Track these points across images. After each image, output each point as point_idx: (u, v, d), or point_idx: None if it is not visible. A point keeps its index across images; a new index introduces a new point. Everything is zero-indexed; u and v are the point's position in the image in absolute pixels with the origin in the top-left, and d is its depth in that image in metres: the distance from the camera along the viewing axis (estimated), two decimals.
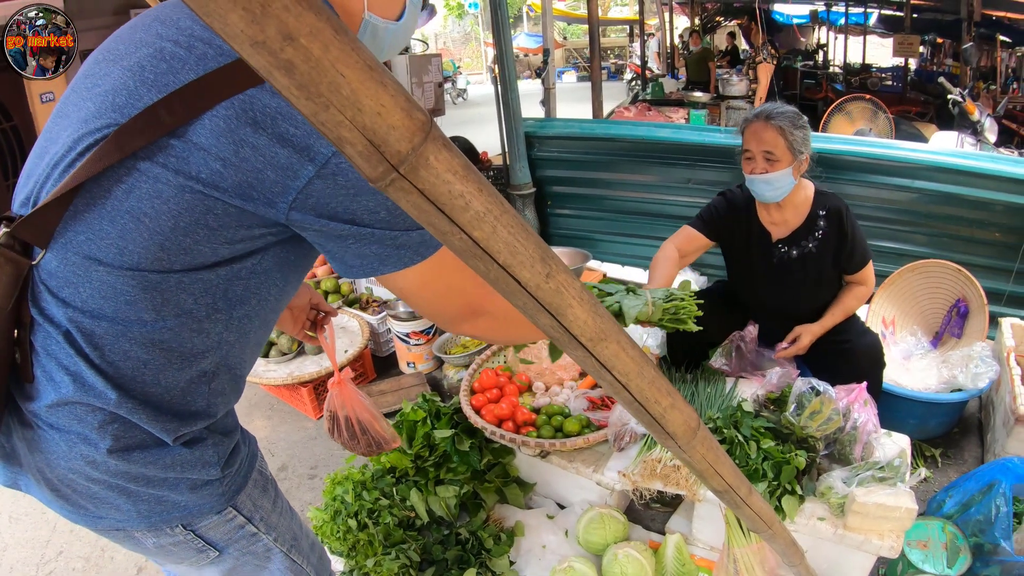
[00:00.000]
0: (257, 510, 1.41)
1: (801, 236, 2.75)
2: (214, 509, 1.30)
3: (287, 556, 1.54)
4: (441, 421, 2.88)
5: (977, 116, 5.80)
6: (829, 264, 2.75)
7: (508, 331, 1.39)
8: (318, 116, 0.47)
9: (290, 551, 1.55)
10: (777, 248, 2.80)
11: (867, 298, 2.80)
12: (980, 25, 9.26)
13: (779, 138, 2.54)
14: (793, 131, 2.55)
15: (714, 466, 1.03)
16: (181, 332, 1.13)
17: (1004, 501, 2.21)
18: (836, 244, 2.71)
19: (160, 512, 1.25)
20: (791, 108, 2.60)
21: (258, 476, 1.44)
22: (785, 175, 2.58)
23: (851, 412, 2.29)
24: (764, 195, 2.68)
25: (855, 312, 2.81)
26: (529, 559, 2.55)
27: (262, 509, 1.43)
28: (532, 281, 0.60)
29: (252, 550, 1.45)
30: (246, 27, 0.42)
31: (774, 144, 2.54)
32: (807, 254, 2.75)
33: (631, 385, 0.77)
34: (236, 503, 1.35)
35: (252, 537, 1.43)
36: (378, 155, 0.48)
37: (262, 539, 1.45)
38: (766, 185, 2.62)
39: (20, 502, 3.38)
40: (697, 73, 12.92)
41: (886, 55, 15.02)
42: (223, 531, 1.36)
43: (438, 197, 0.52)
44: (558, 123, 5.26)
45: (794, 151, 2.55)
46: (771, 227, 2.81)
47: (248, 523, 1.39)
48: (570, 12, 25.87)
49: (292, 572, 1.58)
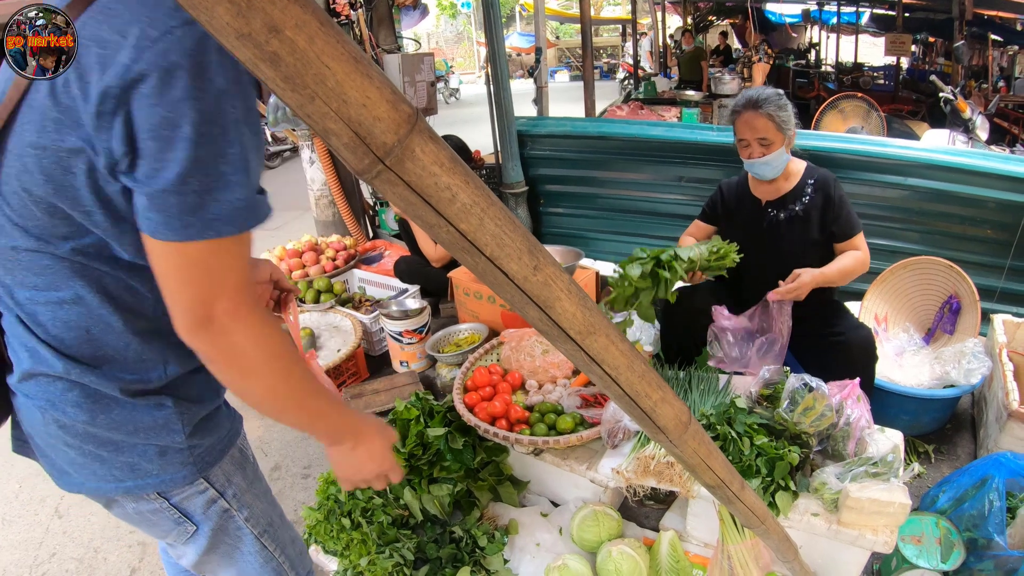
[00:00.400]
0: (230, 485, 1.45)
1: (790, 200, 2.90)
2: (186, 479, 1.34)
3: (258, 540, 1.58)
4: (434, 419, 2.87)
5: (969, 114, 5.82)
6: (816, 228, 2.85)
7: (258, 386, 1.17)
8: (304, 108, 0.47)
9: (262, 535, 1.59)
10: (767, 212, 2.95)
11: (865, 265, 2.81)
12: (972, 24, 9.30)
13: (769, 123, 2.73)
14: (780, 113, 2.74)
15: (706, 460, 1.03)
16: (111, 294, 1.16)
17: (997, 496, 2.22)
18: (822, 208, 2.84)
19: (134, 478, 1.30)
20: (772, 91, 2.80)
21: (237, 453, 1.48)
22: (780, 154, 2.78)
23: (844, 408, 2.30)
24: (764, 174, 2.87)
25: (854, 275, 2.79)
26: (523, 557, 2.54)
27: (236, 486, 1.47)
28: (520, 273, 0.60)
29: (225, 528, 1.49)
30: (232, 20, 0.42)
31: (766, 129, 2.74)
32: (795, 217, 2.88)
33: (621, 379, 0.77)
34: (208, 475, 1.39)
35: (224, 513, 1.47)
36: (364, 147, 0.48)
37: (234, 516, 1.49)
38: (765, 166, 2.82)
39: (13, 504, 3.37)
40: (689, 72, 12.93)
41: (878, 54, 15.04)
42: (197, 504, 1.41)
43: (424, 189, 0.52)
44: (551, 122, 5.25)
45: (783, 131, 2.76)
46: (763, 196, 2.98)
47: (220, 497, 1.44)
48: (563, 11, 25.84)
49: (262, 558, 1.62)
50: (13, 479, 3.57)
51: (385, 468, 1.44)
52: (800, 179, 2.90)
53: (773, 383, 2.53)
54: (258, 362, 1.13)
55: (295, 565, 1.78)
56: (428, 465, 2.78)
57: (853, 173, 3.78)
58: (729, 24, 17.81)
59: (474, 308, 4.19)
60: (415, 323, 3.99)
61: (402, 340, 4.03)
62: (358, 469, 1.42)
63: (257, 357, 1.12)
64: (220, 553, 1.55)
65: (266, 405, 1.21)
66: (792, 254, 2.84)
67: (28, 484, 3.51)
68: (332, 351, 4.00)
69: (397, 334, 4.01)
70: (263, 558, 1.62)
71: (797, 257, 2.81)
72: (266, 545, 1.62)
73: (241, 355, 1.12)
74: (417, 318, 4.00)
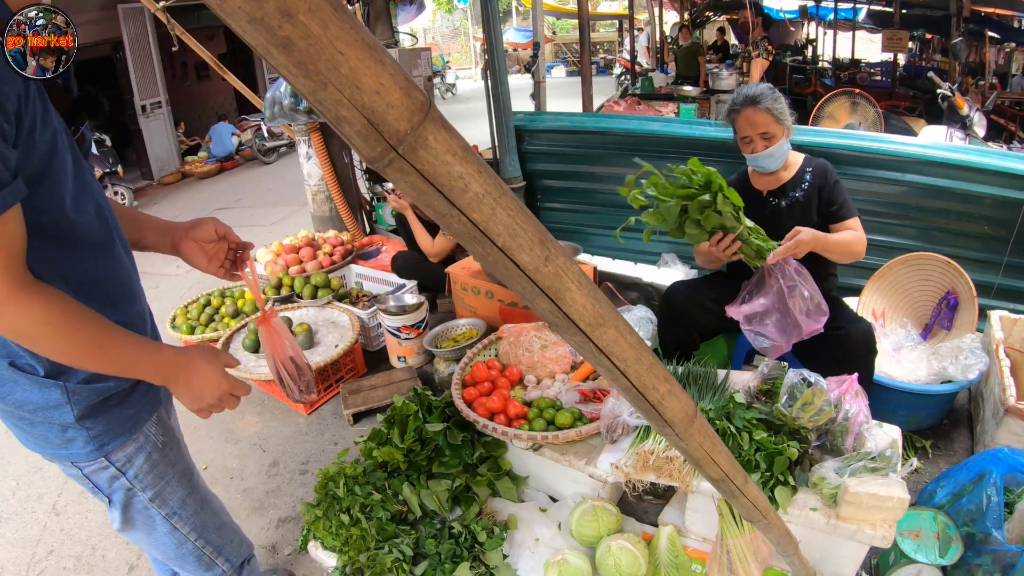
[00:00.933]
0: (131, 466, 1.57)
1: (789, 188, 2.96)
2: (89, 456, 1.49)
3: (167, 520, 1.71)
4: (433, 415, 2.87)
5: (966, 111, 5.83)
6: (815, 212, 2.90)
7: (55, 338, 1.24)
8: (316, 94, 0.46)
9: (170, 516, 1.71)
10: (768, 201, 3.00)
11: (862, 244, 2.81)
12: (969, 21, 9.30)
13: (768, 116, 2.80)
14: (776, 106, 2.81)
15: (711, 454, 1.03)
16: None
17: (995, 491, 2.22)
18: (820, 191, 2.89)
19: (49, 448, 1.48)
20: (765, 86, 2.86)
21: (142, 438, 1.58)
22: (782, 144, 2.85)
23: (842, 403, 2.30)
24: (768, 167, 2.94)
25: (851, 252, 2.79)
26: (522, 552, 2.54)
27: (136, 467, 1.59)
28: (531, 264, 0.60)
29: (133, 505, 1.64)
30: (244, 3, 0.41)
31: (766, 124, 2.81)
32: (795, 203, 2.93)
33: (629, 371, 0.77)
34: (109, 455, 1.52)
35: (128, 492, 1.60)
36: (376, 134, 0.48)
37: (138, 495, 1.62)
38: (770, 159, 2.89)
39: (10, 501, 3.37)
40: (687, 67, 12.92)
41: (875, 50, 15.05)
42: (102, 479, 1.56)
43: (437, 178, 0.51)
44: (548, 117, 5.24)
45: (782, 122, 2.83)
46: (763, 188, 3.03)
47: (121, 476, 1.57)
48: (560, 7, 25.78)
49: (175, 539, 1.76)
50: (10, 476, 3.56)
51: (224, 389, 1.50)
52: (799, 168, 2.96)
53: (772, 378, 2.53)
54: (40, 334, 1.20)
55: (221, 551, 1.89)
56: (427, 460, 2.78)
57: (851, 169, 3.78)
58: (726, 20, 17.80)
59: (472, 303, 4.18)
60: (413, 318, 3.99)
61: (400, 335, 4.02)
62: (200, 398, 1.48)
63: (37, 330, 1.20)
64: (138, 528, 1.70)
65: (71, 363, 1.31)
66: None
67: (25, 481, 3.51)
68: (330, 346, 4.00)
69: (395, 329, 4.01)
70: (176, 539, 1.75)
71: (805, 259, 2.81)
72: (176, 527, 1.73)
73: (20, 332, 1.20)
74: (415, 313, 3.99)
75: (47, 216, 1.25)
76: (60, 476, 3.50)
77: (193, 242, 1.72)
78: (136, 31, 10.82)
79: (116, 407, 1.50)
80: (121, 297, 1.49)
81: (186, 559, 1.83)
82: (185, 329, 4.40)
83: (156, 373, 1.41)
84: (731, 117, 2.92)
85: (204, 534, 1.83)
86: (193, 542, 1.80)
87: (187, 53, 9.12)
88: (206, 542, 1.83)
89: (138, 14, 10.59)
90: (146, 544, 1.79)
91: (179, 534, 1.75)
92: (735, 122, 2.90)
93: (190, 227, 1.72)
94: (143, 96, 11.36)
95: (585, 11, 7.41)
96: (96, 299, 1.34)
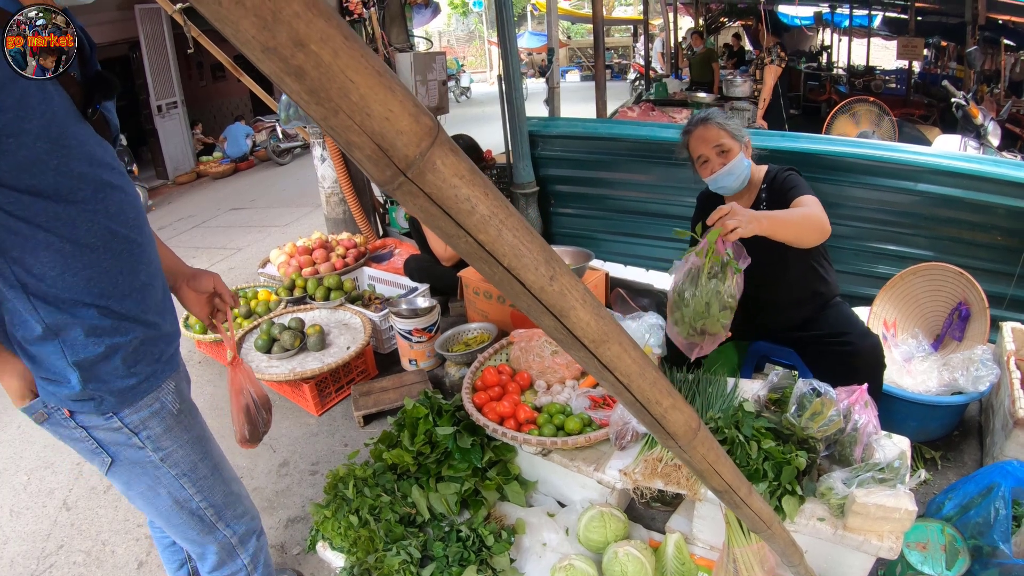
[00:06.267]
0: (144, 428, 1.65)
1: (757, 207, 2.82)
2: (96, 411, 1.56)
3: (176, 480, 1.76)
4: (443, 418, 2.89)
5: (981, 120, 5.79)
6: None
7: None
8: (328, 121, 0.48)
9: (180, 476, 1.77)
10: None
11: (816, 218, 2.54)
12: (984, 28, 9.23)
13: (721, 131, 2.75)
14: (727, 122, 2.78)
15: (714, 466, 1.04)
16: None
17: (1003, 504, 2.22)
18: (776, 196, 2.78)
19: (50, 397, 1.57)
20: (715, 108, 2.88)
21: (156, 403, 1.66)
22: (740, 160, 2.75)
23: (852, 414, 2.30)
24: (731, 186, 2.82)
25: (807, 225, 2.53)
26: (529, 557, 2.56)
27: (150, 429, 1.66)
28: (536, 284, 0.61)
29: (140, 462, 1.69)
30: (257, 33, 0.43)
31: (719, 137, 2.75)
32: None
33: (632, 386, 0.78)
34: (121, 415, 1.59)
35: (139, 451, 1.67)
36: (386, 159, 0.49)
37: (150, 456, 1.69)
38: (730, 176, 2.77)
39: (21, 496, 3.40)
40: (701, 73, 12.91)
41: (890, 57, 14.98)
42: (110, 438, 1.62)
43: (445, 201, 0.53)
44: (562, 122, 5.25)
45: (737, 137, 2.77)
46: None
47: (134, 436, 1.63)
48: (574, 11, 25.85)
49: (180, 497, 1.80)
50: (21, 471, 3.60)
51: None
52: (762, 184, 2.87)
53: (781, 387, 2.53)
54: None
55: (222, 515, 1.93)
56: (436, 464, 2.80)
57: (864, 178, 3.77)
58: (741, 26, 17.76)
59: (483, 307, 4.20)
60: (425, 322, 4.01)
61: (411, 338, 4.04)
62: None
63: None
64: (139, 486, 1.75)
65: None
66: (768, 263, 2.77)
67: (36, 476, 3.55)
68: (342, 348, 4.02)
69: (407, 332, 4.03)
70: (181, 497, 1.80)
71: (780, 258, 2.78)
72: (184, 486, 1.79)
73: None
74: (427, 317, 4.01)
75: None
76: (71, 471, 3.54)
77: (192, 291, 1.94)
78: (153, 31, 10.92)
79: (123, 371, 1.57)
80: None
81: (188, 522, 1.86)
82: (198, 329, 4.43)
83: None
84: (684, 141, 2.88)
85: (210, 497, 1.87)
86: (198, 502, 1.84)
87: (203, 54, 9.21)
88: (210, 504, 1.87)
89: (155, 15, 10.69)
90: (150, 509, 1.83)
91: (185, 492, 1.80)
92: (688, 145, 2.86)
93: (192, 276, 1.94)
94: (159, 96, 11.46)
95: (600, 16, 7.41)
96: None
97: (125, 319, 1.54)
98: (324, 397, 3.94)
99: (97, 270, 1.46)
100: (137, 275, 1.56)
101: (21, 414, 1.69)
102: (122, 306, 1.53)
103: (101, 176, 1.43)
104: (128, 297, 1.54)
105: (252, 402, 2.07)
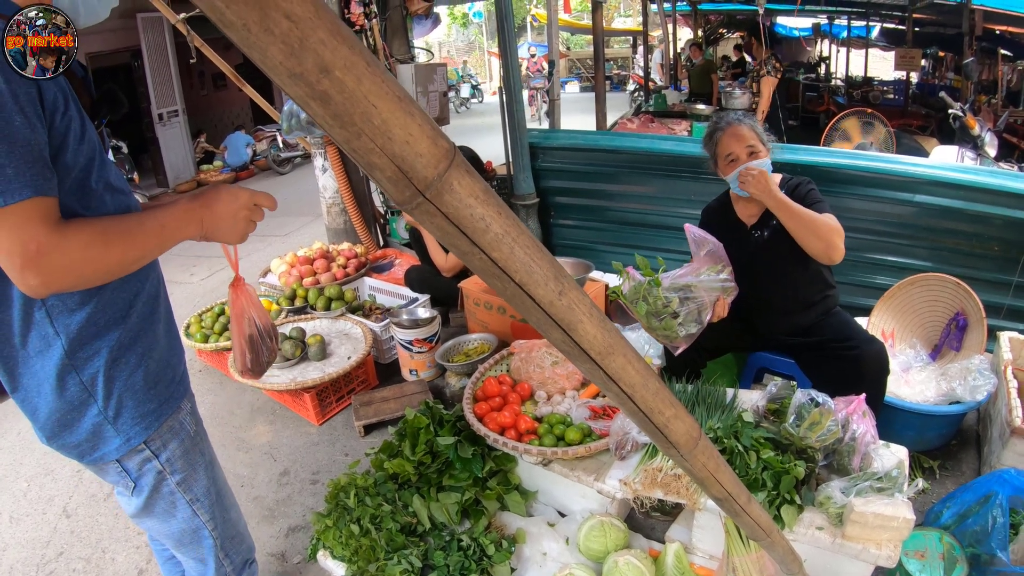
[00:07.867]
0: (164, 450, 1.65)
1: (769, 217, 2.85)
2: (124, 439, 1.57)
3: (189, 506, 1.77)
4: (444, 428, 2.91)
5: (978, 130, 5.83)
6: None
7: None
8: (351, 143, 0.50)
9: (193, 503, 1.78)
10: (752, 234, 2.94)
11: (834, 230, 2.65)
12: (982, 39, 9.29)
13: (752, 133, 2.83)
14: (756, 126, 2.87)
15: (714, 474, 1.06)
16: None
17: (1001, 512, 2.23)
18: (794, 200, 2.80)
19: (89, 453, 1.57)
20: (739, 110, 2.80)
21: (176, 425, 1.68)
22: (767, 162, 2.81)
23: (850, 423, 2.31)
24: None
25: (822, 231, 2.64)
26: (530, 566, 2.57)
27: (170, 451, 1.67)
28: (546, 298, 0.64)
29: (159, 488, 1.70)
30: (284, 59, 0.45)
31: (752, 138, 2.82)
32: (776, 229, 2.83)
33: (636, 396, 0.81)
34: (146, 439, 1.60)
35: (158, 475, 1.67)
36: (406, 180, 0.52)
37: (167, 480, 1.69)
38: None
39: (21, 502, 3.41)
40: (700, 85, 12.96)
41: (888, 68, 15.09)
42: (134, 462, 1.62)
43: (461, 220, 0.55)
44: (562, 134, 5.29)
45: (764, 142, 2.85)
46: (747, 219, 2.98)
47: (155, 459, 1.64)
48: (574, 23, 25.89)
49: (192, 525, 1.81)
50: (21, 478, 3.61)
51: (245, 198, 1.52)
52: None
53: (780, 398, 2.55)
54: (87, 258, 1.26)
55: (224, 544, 1.93)
56: (437, 473, 2.81)
57: (861, 189, 3.80)
58: (740, 37, 17.84)
59: (484, 318, 4.22)
60: (425, 332, 4.03)
61: (412, 349, 4.06)
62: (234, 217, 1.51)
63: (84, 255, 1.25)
64: (157, 513, 1.76)
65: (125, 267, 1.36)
66: (781, 269, 2.87)
67: (36, 483, 3.55)
68: (342, 358, 4.04)
69: (407, 343, 4.05)
70: (194, 525, 1.81)
71: (789, 268, 2.82)
72: (197, 513, 1.80)
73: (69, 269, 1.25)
74: (427, 327, 4.03)
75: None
76: (71, 478, 3.55)
77: None
78: (155, 40, 10.95)
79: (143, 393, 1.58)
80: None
81: (198, 547, 1.88)
82: (199, 338, 4.44)
83: (189, 222, 1.43)
84: (715, 138, 2.91)
85: (218, 526, 1.88)
86: (210, 532, 1.85)
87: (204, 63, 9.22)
88: (216, 531, 1.88)
89: (157, 23, 10.72)
90: (161, 531, 1.83)
91: (198, 520, 1.80)
92: (719, 142, 2.89)
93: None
94: (160, 104, 11.48)
95: (600, 28, 7.46)
96: None
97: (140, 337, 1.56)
98: (325, 406, 3.95)
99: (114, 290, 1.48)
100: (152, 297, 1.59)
101: (22, 420, 1.70)
102: (138, 325, 1.55)
103: (120, 201, 1.46)
104: (143, 316, 1.56)
105: (256, 329, 1.96)
